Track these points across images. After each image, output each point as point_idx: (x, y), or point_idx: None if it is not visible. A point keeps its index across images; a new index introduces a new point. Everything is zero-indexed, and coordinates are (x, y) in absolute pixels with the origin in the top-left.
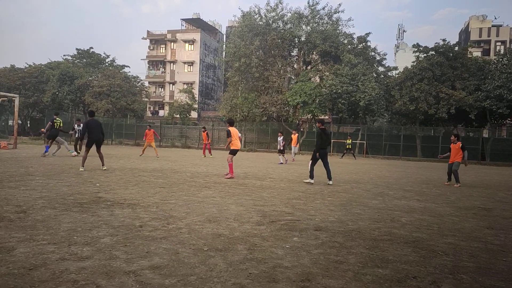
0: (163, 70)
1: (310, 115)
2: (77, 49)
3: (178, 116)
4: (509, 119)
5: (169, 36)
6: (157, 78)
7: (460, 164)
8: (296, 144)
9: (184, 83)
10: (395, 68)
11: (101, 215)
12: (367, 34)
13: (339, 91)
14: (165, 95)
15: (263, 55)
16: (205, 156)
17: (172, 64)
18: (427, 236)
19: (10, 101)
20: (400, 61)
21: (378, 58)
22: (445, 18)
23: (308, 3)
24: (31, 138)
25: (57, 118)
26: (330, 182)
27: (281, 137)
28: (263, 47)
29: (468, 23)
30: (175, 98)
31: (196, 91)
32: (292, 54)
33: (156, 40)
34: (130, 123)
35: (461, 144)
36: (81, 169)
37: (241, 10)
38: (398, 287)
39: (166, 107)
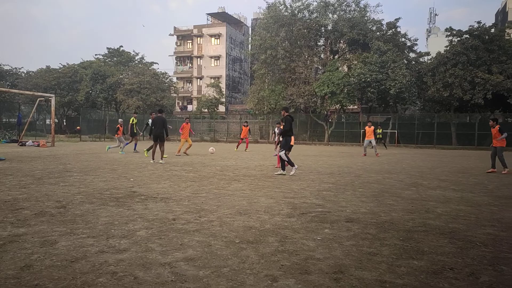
0: (190, 65)
1: (338, 105)
2: (107, 48)
3: (206, 110)
4: None
5: (195, 31)
6: (184, 74)
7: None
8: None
9: (211, 78)
10: (427, 54)
11: (136, 209)
12: (397, 20)
13: (368, 79)
14: (192, 90)
15: (289, 46)
16: (236, 150)
17: (199, 59)
18: (464, 227)
19: (47, 101)
20: (432, 46)
21: (408, 44)
22: None
23: None
24: (68, 136)
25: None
26: (282, 172)
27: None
28: (289, 38)
29: (506, 3)
30: (202, 93)
31: (223, 85)
32: (319, 43)
33: (183, 36)
34: None
35: (499, 127)
36: (151, 161)
37: (266, 2)
38: (434, 278)
39: (194, 102)
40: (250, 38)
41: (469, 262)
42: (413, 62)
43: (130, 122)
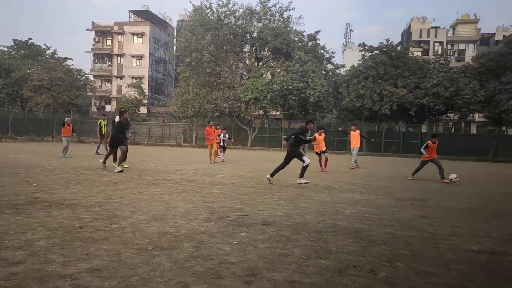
0: (109, 63)
1: (262, 111)
2: (14, 40)
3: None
4: (445, 115)
5: (116, 28)
6: (103, 72)
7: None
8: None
9: (132, 78)
10: (343, 66)
11: (37, 217)
12: (317, 32)
13: (290, 87)
14: (112, 89)
15: (215, 51)
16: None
17: (119, 57)
18: (368, 227)
19: None
20: (348, 59)
21: (327, 56)
22: (391, 19)
23: None
24: None
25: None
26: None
27: (226, 135)
28: (215, 42)
29: (410, 24)
30: (123, 93)
31: (145, 86)
32: (244, 50)
33: (102, 32)
34: (73, 119)
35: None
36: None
37: (192, 4)
38: (339, 276)
39: (113, 102)
40: (175, 39)
41: (370, 260)
42: (331, 73)
43: (98, 124)
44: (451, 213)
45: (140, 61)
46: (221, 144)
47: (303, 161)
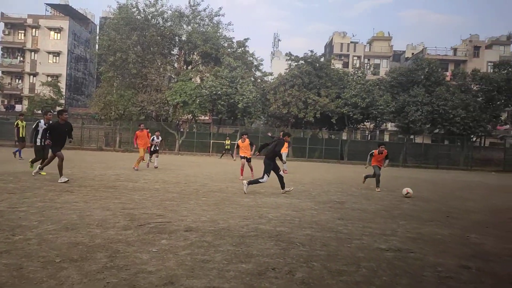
0: (21, 59)
1: (190, 115)
2: None
3: (39, 111)
4: (362, 123)
5: (30, 21)
6: (13, 68)
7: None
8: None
9: (48, 75)
10: (271, 74)
11: None
12: (246, 40)
13: (219, 92)
14: (23, 87)
15: (141, 51)
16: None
17: (33, 53)
18: (288, 230)
19: None
20: (275, 67)
21: (255, 63)
22: (316, 31)
23: (189, 3)
24: None
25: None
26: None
27: (159, 137)
28: (141, 42)
29: (332, 38)
30: (36, 92)
31: (63, 85)
32: (173, 52)
33: (13, 25)
34: None
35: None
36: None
37: (117, 1)
38: (258, 279)
39: (25, 101)
40: (97, 37)
41: (289, 261)
42: (259, 80)
43: (16, 125)
44: (364, 215)
45: (57, 58)
46: (153, 148)
47: (262, 177)
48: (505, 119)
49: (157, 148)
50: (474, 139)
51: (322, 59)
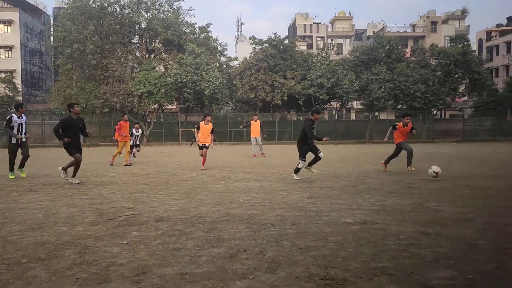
0: None
1: (156, 105)
2: None
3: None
4: (328, 103)
5: None
6: None
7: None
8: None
9: (1, 72)
10: (236, 59)
11: None
12: (208, 25)
13: (184, 80)
14: None
15: (99, 41)
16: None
17: None
18: (259, 212)
19: None
20: (240, 52)
21: (220, 48)
22: (279, 14)
23: None
24: None
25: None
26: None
27: (139, 130)
28: (99, 32)
29: (295, 20)
30: None
31: (18, 81)
32: (133, 41)
33: None
34: None
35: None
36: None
37: None
38: (229, 262)
39: None
40: (52, 28)
41: (260, 242)
42: (224, 66)
43: None
44: (332, 192)
45: (10, 52)
46: (133, 142)
47: (298, 164)
48: (462, 91)
49: (137, 142)
50: (435, 112)
51: (286, 41)
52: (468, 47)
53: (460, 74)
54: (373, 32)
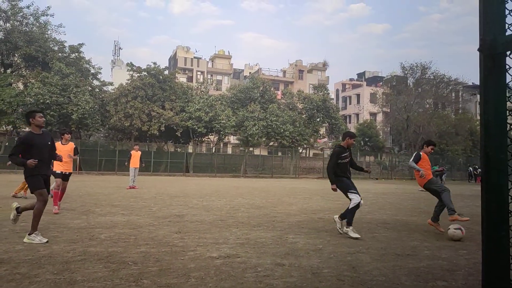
0: None
1: (11, 126)
2: None
3: None
4: (206, 137)
5: None
6: None
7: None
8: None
9: None
10: (111, 84)
11: None
12: (80, 45)
13: (48, 101)
14: None
15: None
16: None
17: None
18: (122, 249)
19: None
20: (116, 77)
21: (93, 71)
22: (161, 43)
23: None
24: None
25: None
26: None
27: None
28: None
29: (176, 51)
30: None
31: None
32: None
33: None
34: None
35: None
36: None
37: None
38: None
39: None
40: None
41: (117, 283)
42: (97, 90)
43: None
44: (201, 226)
45: None
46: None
47: (350, 199)
48: (323, 134)
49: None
50: (300, 150)
51: (166, 72)
52: (328, 95)
53: (321, 118)
54: (250, 73)
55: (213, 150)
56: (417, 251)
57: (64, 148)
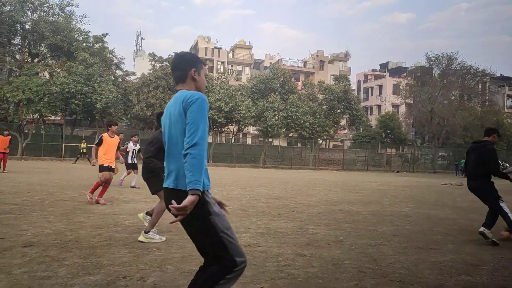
0: None
1: (37, 114)
2: None
3: None
4: (226, 127)
5: None
6: None
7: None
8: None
9: None
10: (133, 73)
11: None
12: (104, 35)
13: (73, 90)
14: None
15: None
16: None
17: None
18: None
19: None
20: (139, 67)
21: (116, 61)
22: (182, 33)
23: None
24: None
25: None
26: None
27: (137, 144)
28: None
29: (197, 42)
30: None
31: None
32: (14, 42)
33: None
34: None
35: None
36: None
37: None
38: None
39: None
40: None
41: (142, 268)
42: (120, 80)
43: None
44: None
45: None
46: (131, 160)
47: (496, 209)
48: (343, 125)
49: (135, 161)
50: (320, 142)
51: None
52: (349, 87)
53: (342, 109)
54: (270, 63)
55: (233, 140)
56: (440, 245)
57: (111, 142)
